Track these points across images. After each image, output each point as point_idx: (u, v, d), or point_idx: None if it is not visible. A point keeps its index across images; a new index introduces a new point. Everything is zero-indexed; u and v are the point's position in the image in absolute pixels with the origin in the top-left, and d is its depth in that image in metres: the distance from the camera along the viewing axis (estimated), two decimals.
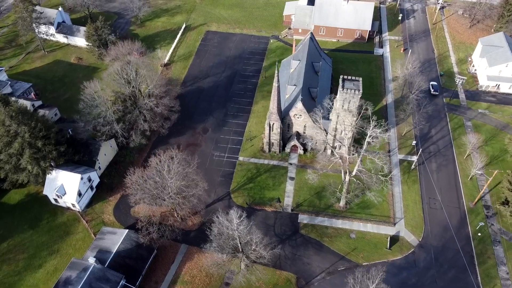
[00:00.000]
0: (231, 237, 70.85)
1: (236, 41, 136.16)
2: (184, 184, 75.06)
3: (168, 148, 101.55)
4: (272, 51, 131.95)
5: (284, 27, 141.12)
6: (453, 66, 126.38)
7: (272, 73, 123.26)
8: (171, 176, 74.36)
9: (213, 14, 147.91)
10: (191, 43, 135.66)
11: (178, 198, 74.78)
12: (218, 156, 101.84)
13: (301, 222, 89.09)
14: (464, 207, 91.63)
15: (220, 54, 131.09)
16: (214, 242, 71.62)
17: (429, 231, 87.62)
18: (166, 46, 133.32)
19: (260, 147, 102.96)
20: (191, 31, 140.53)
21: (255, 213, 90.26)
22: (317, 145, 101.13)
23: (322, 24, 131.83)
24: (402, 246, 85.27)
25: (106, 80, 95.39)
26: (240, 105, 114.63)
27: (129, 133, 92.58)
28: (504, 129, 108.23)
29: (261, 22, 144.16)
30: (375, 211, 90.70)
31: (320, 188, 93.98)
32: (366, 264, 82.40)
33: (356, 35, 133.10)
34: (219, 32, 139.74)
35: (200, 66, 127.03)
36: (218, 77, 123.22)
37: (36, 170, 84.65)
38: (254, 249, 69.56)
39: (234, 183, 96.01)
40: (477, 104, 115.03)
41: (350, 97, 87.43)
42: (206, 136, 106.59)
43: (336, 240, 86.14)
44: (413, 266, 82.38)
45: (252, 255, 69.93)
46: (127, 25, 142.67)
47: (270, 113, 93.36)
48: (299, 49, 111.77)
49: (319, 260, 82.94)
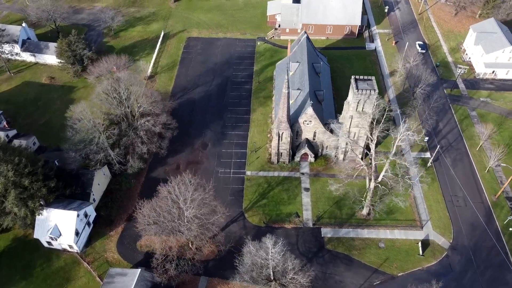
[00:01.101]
0: (265, 266, 63.33)
1: (221, 46, 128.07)
2: (203, 212, 66.63)
3: (167, 169, 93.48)
4: (261, 54, 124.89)
5: (269, 28, 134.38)
6: (446, 56, 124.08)
7: (265, 77, 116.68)
8: (188, 205, 65.76)
9: (192, 19, 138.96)
10: (173, 51, 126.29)
11: (197, 228, 66.25)
12: (223, 172, 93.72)
13: (325, 236, 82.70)
14: (488, 201, 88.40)
15: (207, 61, 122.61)
16: (245, 275, 63.79)
17: (458, 231, 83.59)
18: (146, 57, 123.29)
19: (268, 159, 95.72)
20: (171, 39, 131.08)
21: (274, 232, 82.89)
22: (327, 150, 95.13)
23: (311, 22, 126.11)
24: (434, 250, 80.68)
25: (94, 101, 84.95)
26: (238, 114, 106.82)
27: (126, 158, 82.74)
28: (509, 116, 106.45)
29: (244, 24, 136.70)
30: (399, 215, 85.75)
31: (338, 197, 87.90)
32: (402, 275, 77.20)
33: (346, 31, 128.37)
34: (201, 38, 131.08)
35: (187, 75, 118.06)
36: (208, 86, 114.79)
37: (23, 212, 73.61)
38: (293, 277, 62.30)
39: (246, 201, 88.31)
40: (477, 92, 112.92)
41: (365, 98, 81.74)
42: (207, 152, 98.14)
43: (365, 252, 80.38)
44: (450, 270, 77.93)
45: (291, 285, 62.61)
46: (100, 37, 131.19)
47: (279, 122, 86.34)
48: (295, 50, 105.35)
49: (352, 276, 76.86)
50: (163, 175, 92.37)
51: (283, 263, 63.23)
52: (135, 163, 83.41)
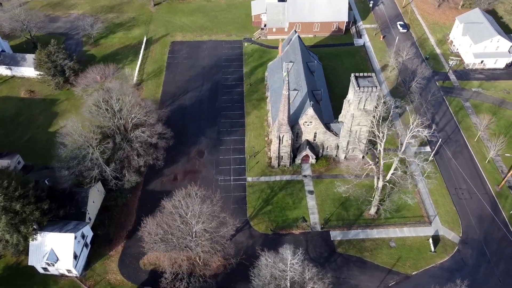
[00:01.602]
0: (283, 278, 60.38)
1: (207, 49, 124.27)
2: (214, 225, 63.06)
3: (164, 180, 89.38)
4: (249, 55, 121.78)
5: (255, 28, 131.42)
6: (434, 48, 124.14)
7: (256, 79, 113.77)
8: (197, 219, 62.06)
9: (174, 22, 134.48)
10: (158, 57, 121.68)
11: (208, 243, 62.61)
12: (223, 180, 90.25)
13: (334, 239, 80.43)
14: (492, 192, 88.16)
15: (194, 66, 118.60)
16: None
17: (466, 224, 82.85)
18: (130, 64, 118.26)
19: (268, 163, 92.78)
20: (154, 44, 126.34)
21: (282, 238, 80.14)
22: (328, 150, 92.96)
23: (297, 20, 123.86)
24: (445, 246, 79.58)
25: (84, 114, 79.85)
26: (232, 119, 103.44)
27: (122, 173, 78.09)
28: (502, 105, 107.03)
29: (228, 25, 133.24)
30: (406, 212, 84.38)
31: (344, 198, 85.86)
32: (416, 273, 75.71)
33: (333, 28, 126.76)
34: (186, 42, 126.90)
35: (175, 81, 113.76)
36: (198, 91, 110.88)
37: (16, 239, 68.32)
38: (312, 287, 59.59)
39: (250, 208, 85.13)
40: (469, 83, 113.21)
41: (367, 95, 79.90)
42: (204, 160, 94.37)
43: (377, 252, 78.55)
44: (463, 265, 76.95)
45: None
46: (79, 46, 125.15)
47: (280, 125, 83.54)
48: (287, 49, 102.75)
49: (367, 279, 74.84)
50: (160, 187, 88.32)
51: (300, 273, 60.44)
52: (132, 177, 78.96)
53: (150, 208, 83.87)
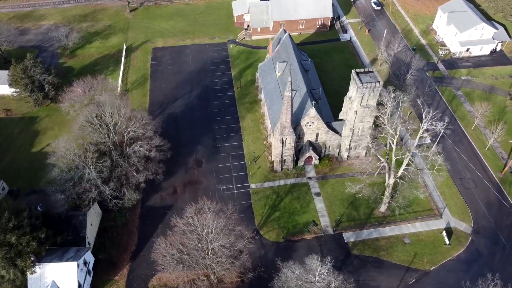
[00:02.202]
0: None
1: (192, 54, 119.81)
2: (231, 240, 59.30)
3: (164, 195, 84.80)
4: (236, 57, 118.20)
5: (238, 29, 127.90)
6: (420, 39, 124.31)
7: (246, 81, 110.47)
8: (213, 235, 58.14)
9: (153, 28, 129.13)
10: (141, 65, 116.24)
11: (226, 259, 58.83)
12: (226, 189, 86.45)
13: (348, 241, 78.19)
14: (495, 179, 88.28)
15: (180, 71, 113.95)
16: None
17: (476, 214, 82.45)
18: (112, 75, 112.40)
19: (270, 167, 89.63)
20: (135, 51, 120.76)
21: (295, 245, 77.25)
22: (330, 150, 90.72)
23: (282, 19, 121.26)
24: (459, 237, 78.80)
25: (76, 132, 74.11)
26: (226, 124, 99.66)
27: (121, 191, 72.96)
28: (492, 91, 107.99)
29: (210, 28, 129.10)
30: (416, 207, 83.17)
31: (353, 197, 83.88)
32: (434, 268, 74.46)
33: (318, 24, 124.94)
34: (168, 47, 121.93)
35: (162, 89, 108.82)
36: (188, 98, 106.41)
37: (13, 274, 62.29)
38: None
39: (258, 216, 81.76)
40: (457, 72, 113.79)
41: (369, 91, 78.13)
42: (203, 169, 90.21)
43: (392, 251, 76.84)
44: (479, 255, 76.28)
45: None
46: (54, 58, 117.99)
47: (283, 127, 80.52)
48: (277, 49, 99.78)
49: (386, 279, 72.94)
50: (161, 203, 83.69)
51: (328, 283, 57.65)
52: (132, 195, 73.97)
53: (153, 226, 79.64)
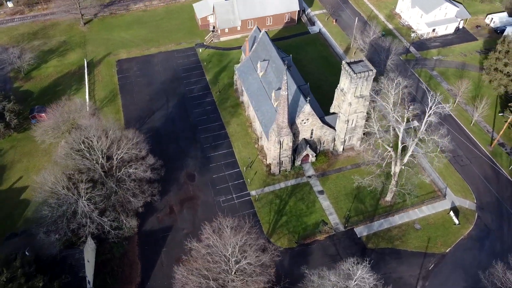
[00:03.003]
0: None
1: (160, 62, 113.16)
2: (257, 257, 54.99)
3: (160, 216, 78.69)
4: (207, 61, 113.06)
5: (203, 32, 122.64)
6: (386, 24, 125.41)
7: (224, 85, 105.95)
8: (238, 254, 53.58)
9: (113, 39, 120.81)
10: (107, 80, 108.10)
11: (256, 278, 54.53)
12: (226, 200, 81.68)
13: (361, 236, 76.28)
14: (486, 152, 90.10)
15: (151, 82, 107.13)
16: None
17: (476, 189, 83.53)
18: (76, 94, 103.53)
19: (267, 171, 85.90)
20: (98, 66, 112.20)
21: (310, 249, 74.20)
22: (325, 145, 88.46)
23: (249, 17, 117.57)
24: (466, 215, 79.29)
25: (60, 162, 66.08)
26: (212, 132, 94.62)
27: (119, 220, 66.12)
28: (464, 68, 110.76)
29: (174, 33, 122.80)
30: (420, 191, 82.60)
31: (355, 190, 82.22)
32: (450, 250, 74.27)
33: (286, 19, 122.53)
34: (133, 58, 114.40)
35: (135, 103, 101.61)
36: (166, 109, 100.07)
37: None
38: None
39: (265, 224, 77.82)
40: (428, 52, 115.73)
41: (363, 81, 76.49)
42: (197, 183, 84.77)
43: (406, 239, 75.85)
44: (488, 230, 77.10)
45: None
46: (8, 83, 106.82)
47: (280, 128, 77.00)
48: (255, 48, 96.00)
49: (407, 269, 71.72)
50: (159, 225, 77.47)
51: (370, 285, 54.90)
52: (132, 222, 67.33)
53: (155, 252, 73.50)
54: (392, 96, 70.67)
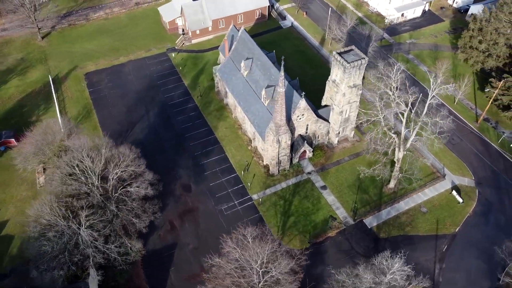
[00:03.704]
0: None
1: (132, 71, 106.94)
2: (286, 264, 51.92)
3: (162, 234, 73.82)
4: (182, 66, 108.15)
5: (173, 36, 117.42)
6: (356, 12, 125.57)
7: (204, 88, 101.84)
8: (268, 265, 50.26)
9: (77, 51, 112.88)
10: (77, 95, 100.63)
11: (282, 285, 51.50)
12: (228, 208, 77.88)
13: (372, 226, 75.16)
14: (474, 129, 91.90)
15: (126, 93, 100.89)
16: None
17: (472, 166, 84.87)
18: (46, 114, 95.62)
19: (265, 173, 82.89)
20: (65, 82, 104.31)
21: (323, 246, 72.10)
22: (319, 139, 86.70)
23: (220, 16, 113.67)
24: (467, 193, 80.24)
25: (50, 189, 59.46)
26: (200, 138, 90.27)
27: (124, 245, 60.61)
28: (437, 48, 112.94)
29: (142, 40, 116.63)
30: (419, 174, 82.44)
31: (357, 181, 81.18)
32: (459, 229, 74.69)
33: (257, 16, 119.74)
34: (102, 70, 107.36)
35: (112, 117, 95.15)
36: (147, 120, 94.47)
37: None
38: None
39: (273, 228, 74.80)
40: (401, 37, 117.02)
41: (356, 69, 75.25)
42: (194, 194, 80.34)
43: (416, 224, 75.56)
44: (489, 204, 78.38)
45: None
46: None
47: (278, 127, 74.21)
48: (235, 47, 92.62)
49: (422, 254, 71.32)
50: (161, 243, 72.48)
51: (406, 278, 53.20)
52: (138, 245, 62.00)
53: (163, 273, 68.62)
54: (394, 82, 69.74)
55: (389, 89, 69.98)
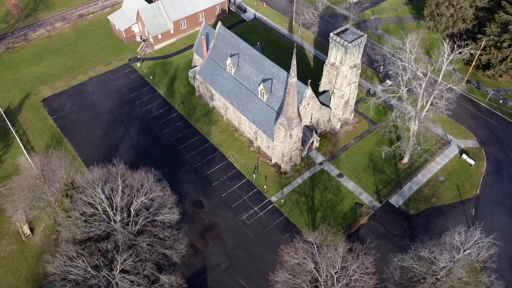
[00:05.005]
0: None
1: (96, 89, 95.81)
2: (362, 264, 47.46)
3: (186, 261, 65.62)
4: (152, 74, 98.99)
5: (132, 44, 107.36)
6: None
7: (183, 95, 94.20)
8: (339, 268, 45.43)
9: (25, 77, 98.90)
10: (40, 125, 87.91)
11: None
12: (249, 217, 71.79)
13: (399, 205, 73.21)
14: (460, 92, 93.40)
15: (97, 114, 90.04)
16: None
17: (471, 127, 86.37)
18: (9, 152, 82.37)
19: (276, 171, 77.77)
20: (20, 113, 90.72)
21: (360, 235, 68.78)
22: (322, 127, 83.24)
23: (181, 17, 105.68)
24: (476, 154, 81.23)
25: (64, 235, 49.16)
26: (196, 148, 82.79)
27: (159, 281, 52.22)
28: (401, 21, 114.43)
29: (97, 54, 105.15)
30: (426, 145, 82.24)
31: (370, 162, 79.12)
32: (480, 191, 75.19)
33: (218, 12, 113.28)
34: (61, 92, 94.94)
35: (88, 143, 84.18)
36: (130, 139, 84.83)
37: None
38: None
39: (303, 227, 70.13)
40: (364, 14, 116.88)
41: (357, 48, 72.55)
42: (207, 209, 73.10)
43: (439, 193, 74.92)
44: (499, 161, 79.97)
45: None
46: None
47: (290, 120, 69.32)
48: (214, 45, 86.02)
49: (454, 222, 69.55)
50: (189, 271, 64.54)
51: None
52: (177, 279, 53.92)
53: None
54: (411, 54, 68.01)
55: (407, 62, 68.14)
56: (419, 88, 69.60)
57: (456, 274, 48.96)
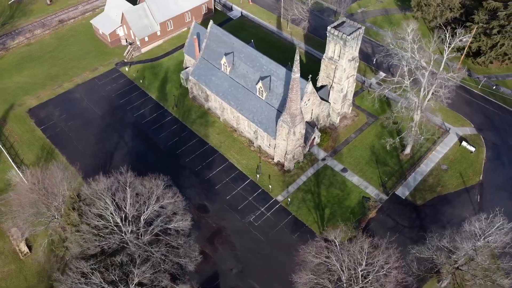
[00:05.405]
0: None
1: (84, 96, 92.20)
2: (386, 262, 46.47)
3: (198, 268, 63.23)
4: (141, 78, 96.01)
5: (118, 48, 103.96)
6: None
7: (176, 97, 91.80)
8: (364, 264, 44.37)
9: (7, 88, 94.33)
10: (28, 137, 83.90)
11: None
12: (257, 218, 70.16)
13: (406, 196, 72.89)
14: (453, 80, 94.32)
15: (88, 122, 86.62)
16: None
17: (466, 114, 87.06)
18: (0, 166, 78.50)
19: (280, 170, 76.37)
20: (5, 125, 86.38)
21: (371, 229, 68.12)
22: (322, 122, 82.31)
23: (167, 18, 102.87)
24: (474, 141, 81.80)
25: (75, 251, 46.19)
26: (195, 152, 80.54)
27: None
28: (389, 12, 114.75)
29: (82, 60, 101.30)
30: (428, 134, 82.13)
31: (372, 155, 78.67)
32: (483, 177, 75.69)
33: (204, 11, 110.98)
34: (47, 102, 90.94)
35: (81, 152, 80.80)
36: (125, 146, 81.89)
37: None
38: None
39: (313, 225, 69.00)
40: (351, 8, 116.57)
41: (355, 41, 71.84)
42: (213, 213, 71.08)
43: (443, 182, 75.10)
44: (497, 146, 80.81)
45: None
46: None
47: (294, 117, 67.99)
48: (206, 45, 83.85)
49: (461, 210, 70.84)
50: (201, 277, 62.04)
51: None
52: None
53: None
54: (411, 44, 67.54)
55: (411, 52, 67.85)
56: (422, 78, 69.26)
57: (478, 261, 48.60)
